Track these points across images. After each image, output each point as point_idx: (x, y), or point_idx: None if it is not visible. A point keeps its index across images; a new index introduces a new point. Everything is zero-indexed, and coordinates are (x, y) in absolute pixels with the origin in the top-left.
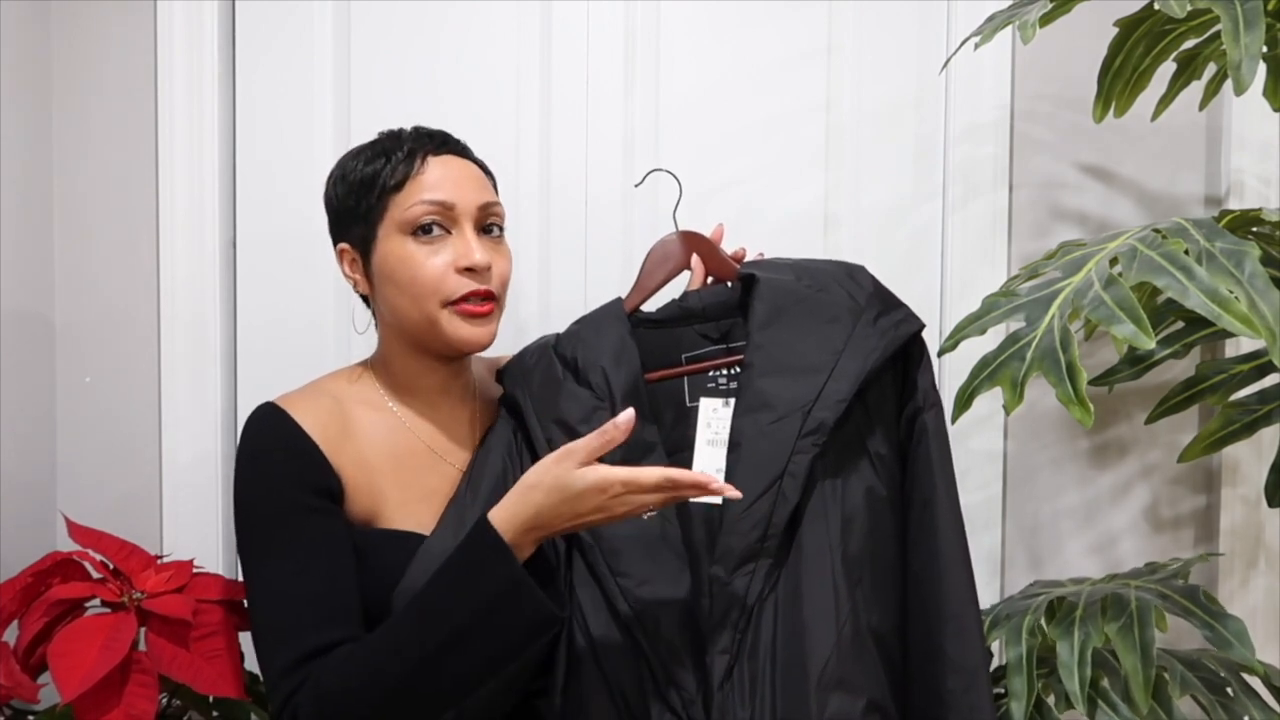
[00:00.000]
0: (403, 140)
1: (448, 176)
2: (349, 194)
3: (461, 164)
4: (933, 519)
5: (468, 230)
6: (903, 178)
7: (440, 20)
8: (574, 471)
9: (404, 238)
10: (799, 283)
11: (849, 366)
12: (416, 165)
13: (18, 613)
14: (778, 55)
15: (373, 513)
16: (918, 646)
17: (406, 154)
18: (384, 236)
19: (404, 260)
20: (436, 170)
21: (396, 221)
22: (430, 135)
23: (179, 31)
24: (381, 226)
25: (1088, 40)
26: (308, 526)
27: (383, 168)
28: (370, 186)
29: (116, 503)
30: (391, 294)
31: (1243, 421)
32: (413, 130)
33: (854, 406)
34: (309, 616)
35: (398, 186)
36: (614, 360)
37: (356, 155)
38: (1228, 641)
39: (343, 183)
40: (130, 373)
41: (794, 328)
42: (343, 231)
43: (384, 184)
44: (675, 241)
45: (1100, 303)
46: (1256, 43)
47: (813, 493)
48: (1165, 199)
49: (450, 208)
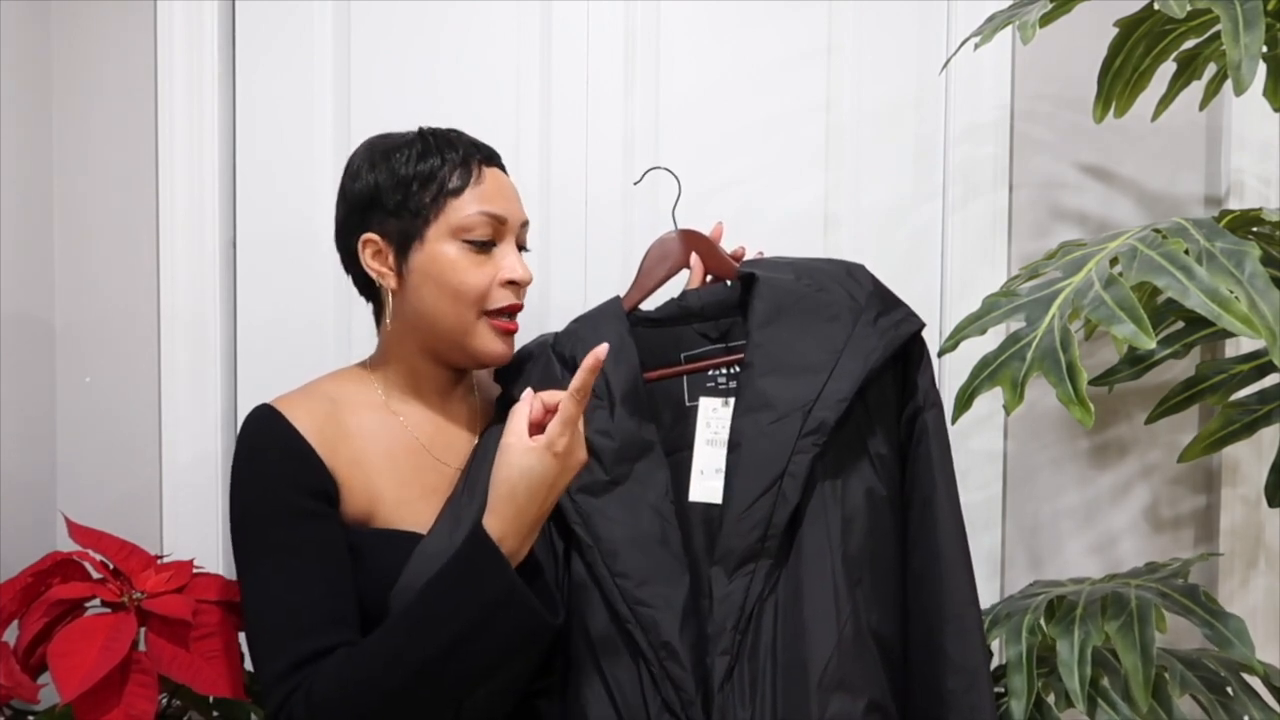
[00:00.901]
0: (454, 143)
1: (500, 190)
2: (396, 187)
3: (507, 180)
4: (933, 519)
5: (512, 245)
6: (903, 178)
7: (440, 20)
8: (529, 451)
9: (456, 242)
10: (798, 281)
11: (850, 366)
12: (474, 172)
13: (18, 613)
14: (778, 55)
15: (369, 513)
16: (918, 647)
17: (463, 159)
18: (435, 237)
19: (454, 265)
20: (491, 182)
21: (452, 225)
22: (478, 145)
23: (179, 31)
24: (433, 227)
25: (1088, 40)
26: (302, 530)
27: (440, 167)
28: (427, 183)
29: (116, 503)
30: (430, 294)
31: (1243, 421)
32: (460, 134)
33: (854, 406)
34: (304, 621)
35: (457, 191)
36: (612, 359)
37: (400, 149)
38: (1228, 640)
39: (388, 173)
40: (130, 373)
41: (794, 327)
42: (371, 222)
43: (443, 184)
44: (674, 240)
45: (1100, 303)
46: (1256, 43)
47: (813, 493)
48: (1165, 199)
49: (503, 221)
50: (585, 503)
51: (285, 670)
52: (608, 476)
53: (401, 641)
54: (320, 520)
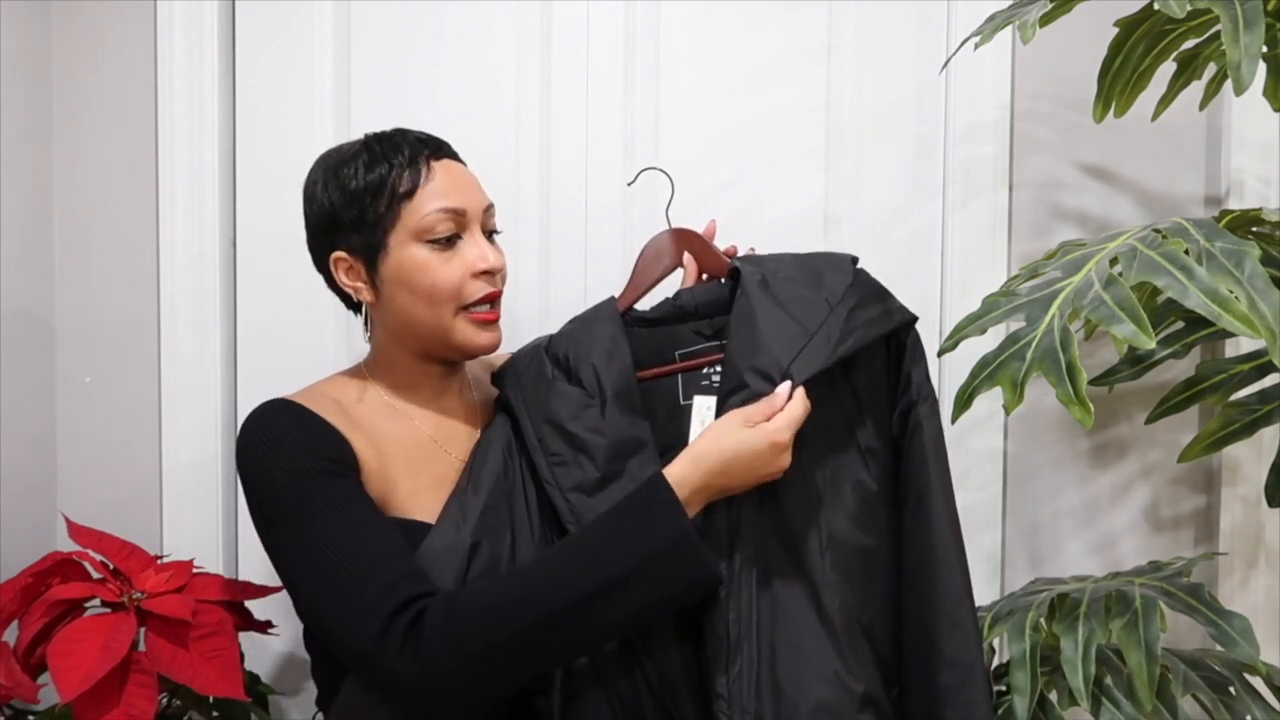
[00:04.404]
0: (398, 145)
1: (454, 182)
2: (349, 203)
3: (460, 168)
4: (927, 514)
5: (478, 234)
6: (903, 178)
7: (440, 20)
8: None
9: (419, 245)
10: (778, 275)
11: (808, 358)
12: (423, 171)
13: (18, 613)
14: (778, 55)
15: (384, 500)
16: (913, 642)
17: (409, 160)
18: (397, 245)
19: (422, 267)
20: (442, 176)
21: (411, 229)
22: (424, 140)
23: (179, 31)
24: (394, 235)
25: (1088, 40)
26: (348, 484)
27: (388, 174)
28: (377, 194)
29: (116, 503)
30: (405, 301)
31: (1243, 421)
32: (404, 134)
33: (835, 398)
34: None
35: (409, 194)
36: (605, 357)
37: (347, 162)
38: (1232, 639)
39: (339, 191)
40: (130, 373)
41: (766, 320)
42: (336, 240)
43: (393, 191)
44: (667, 239)
45: (1100, 303)
46: (1256, 43)
47: (801, 487)
48: (1165, 199)
49: (462, 214)
50: (579, 501)
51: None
52: (600, 474)
53: (562, 573)
54: (359, 483)
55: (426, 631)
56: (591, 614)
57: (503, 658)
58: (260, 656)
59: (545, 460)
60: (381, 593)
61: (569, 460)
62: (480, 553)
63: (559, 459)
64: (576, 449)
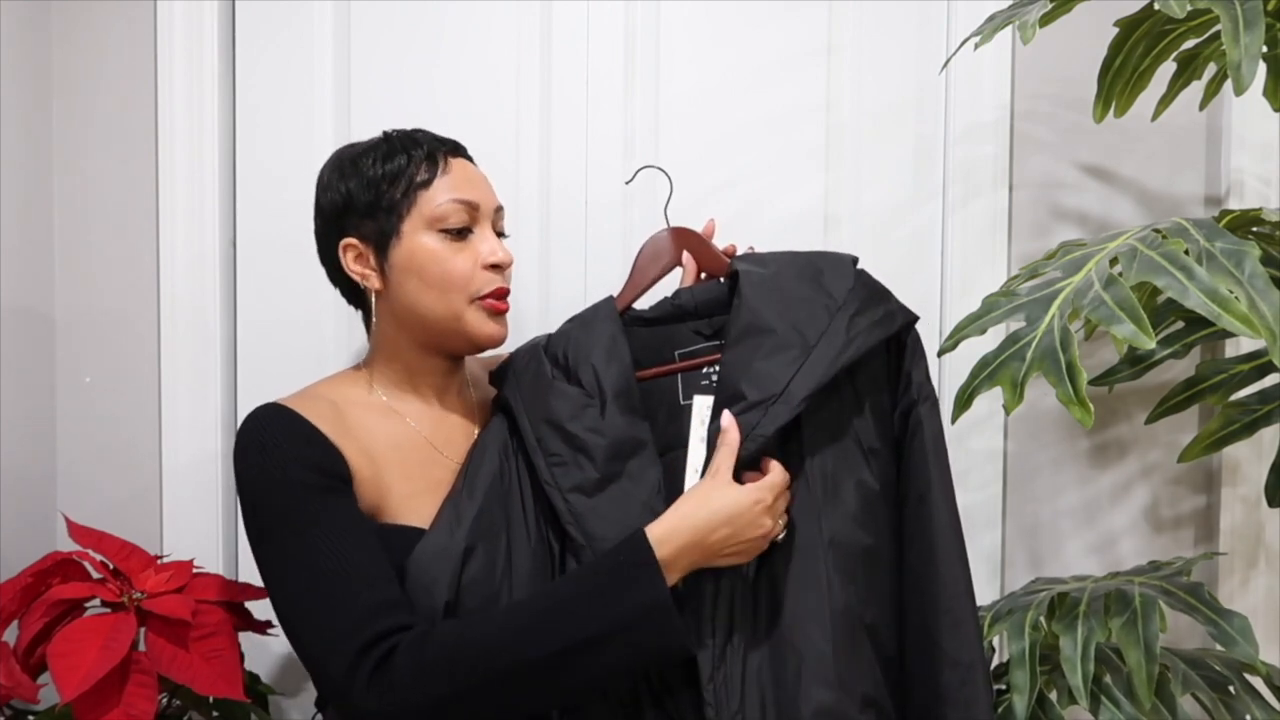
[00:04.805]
0: (418, 140)
1: (469, 179)
2: (365, 188)
3: (474, 169)
4: (928, 513)
5: (489, 230)
6: (903, 178)
7: (440, 20)
8: (740, 489)
9: (433, 234)
10: (778, 276)
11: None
12: (440, 164)
13: (18, 613)
14: (778, 55)
15: (377, 506)
16: (913, 641)
17: (427, 153)
18: (410, 231)
19: (435, 255)
20: (459, 171)
21: (426, 217)
22: (442, 140)
23: (179, 31)
24: (408, 221)
25: (1088, 40)
26: (338, 502)
27: (407, 164)
28: (395, 180)
29: (116, 503)
30: (415, 289)
31: (1243, 421)
32: (422, 132)
33: (836, 399)
34: (373, 572)
35: (426, 183)
36: (605, 357)
37: (365, 153)
38: (1232, 638)
39: (356, 178)
40: (130, 373)
41: (768, 322)
42: (348, 227)
43: (410, 178)
44: (665, 238)
45: (1100, 303)
46: (1256, 43)
47: (803, 487)
48: (1165, 199)
49: (476, 207)
50: (578, 502)
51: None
52: (599, 475)
53: (534, 627)
54: (349, 497)
55: (396, 670)
56: (560, 670)
57: (470, 703)
58: (260, 656)
59: (544, 460)
60: (356, 624)
61: (568, 460)
62: (474, 557)
63: (558, 459)
64: (576, 449)
